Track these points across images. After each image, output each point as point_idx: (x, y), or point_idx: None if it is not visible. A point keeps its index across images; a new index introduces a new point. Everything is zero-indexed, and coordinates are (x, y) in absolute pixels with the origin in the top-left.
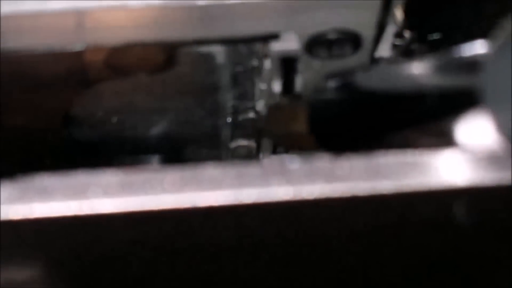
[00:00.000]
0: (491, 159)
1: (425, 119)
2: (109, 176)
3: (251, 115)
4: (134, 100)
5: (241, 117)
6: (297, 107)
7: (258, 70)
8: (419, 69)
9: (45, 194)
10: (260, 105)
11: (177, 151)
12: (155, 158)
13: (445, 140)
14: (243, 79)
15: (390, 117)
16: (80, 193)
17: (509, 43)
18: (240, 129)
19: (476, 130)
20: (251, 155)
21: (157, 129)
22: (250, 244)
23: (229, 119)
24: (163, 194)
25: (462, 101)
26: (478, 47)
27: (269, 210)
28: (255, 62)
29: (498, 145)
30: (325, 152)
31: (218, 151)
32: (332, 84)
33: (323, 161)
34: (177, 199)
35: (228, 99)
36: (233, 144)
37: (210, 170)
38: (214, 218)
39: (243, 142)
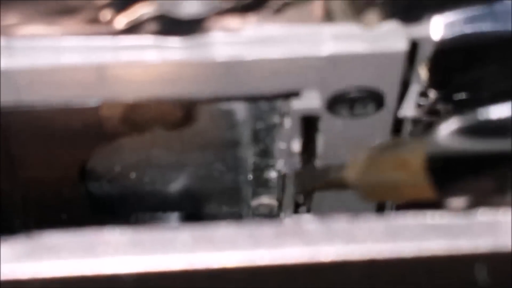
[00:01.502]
0: None
1: None
2: (120, 235)
3: (273, 173)
4: (153, 156)
5: (263, 175)
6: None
7: (279, 127)
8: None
9: (53, 252)
10: (280, 164)
11: (197, 208)
12: (174, 215)
13: None
14: (264, 136)
15: None
16: (89, 252)
17: None
18: (262, 187)
19: None
20: (272, 214)
21: (176, 185)
22: None
23: (250, 176)
24: (174, 254)
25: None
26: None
27: (284, 272)
28: (276, 119)
29: None
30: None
31: (238, 208)
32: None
33: (340, 222)
34: (188, 259)
35: (249, 155)
36: (255, 202)
37: (224, 230)
38: (227, 279)
39: (264, 200)
